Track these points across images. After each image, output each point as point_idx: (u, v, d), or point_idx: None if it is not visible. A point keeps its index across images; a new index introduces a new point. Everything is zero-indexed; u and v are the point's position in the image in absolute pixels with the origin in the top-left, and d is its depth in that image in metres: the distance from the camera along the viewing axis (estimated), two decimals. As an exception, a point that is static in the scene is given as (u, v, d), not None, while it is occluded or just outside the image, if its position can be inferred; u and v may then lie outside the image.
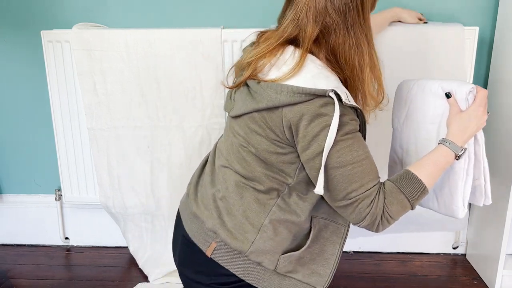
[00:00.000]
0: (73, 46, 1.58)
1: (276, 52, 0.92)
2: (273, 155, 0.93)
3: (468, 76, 1.57)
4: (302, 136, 0.87)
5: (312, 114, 0.85)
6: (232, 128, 1.01)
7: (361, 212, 0.89)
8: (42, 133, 1.83)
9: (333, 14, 0.88)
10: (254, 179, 0.97)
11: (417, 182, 0.92)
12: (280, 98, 0.87)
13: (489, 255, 1.64)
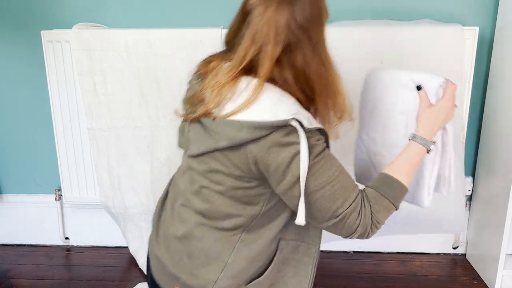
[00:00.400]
0: (73, 46, 1.58)
1: (233, 84, 0.85)
2: (239, 190, 0.89)
3: (468, 76, 1.57)
4: (274, 169, 0.83)
5: (279, 145, 0.81)
6: (190, 167, 0.95)
7: (351, 225, 0.86)
8: (42, 133, 1.83)
9: (296, 31, 0.83)
10: (217, 217, 0.92)
11: (398, 184, 0.93)
12: (241, 136, 0.82)
13: (489, 255, 1.64)
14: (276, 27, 0.82)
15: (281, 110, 0.82)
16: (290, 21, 0.83)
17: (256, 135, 0.81)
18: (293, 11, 0.83)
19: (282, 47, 0.83)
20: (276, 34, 0.82)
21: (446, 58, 1.53)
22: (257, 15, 0.84)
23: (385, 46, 1.53)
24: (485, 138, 1.67)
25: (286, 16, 0.82)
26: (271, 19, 0.82)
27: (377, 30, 1.52)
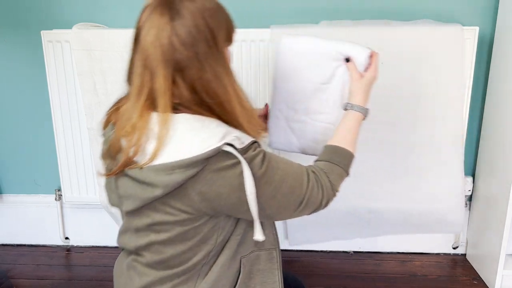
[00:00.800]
0: (73, 46, 1.58)
1: (144, 124, 0.79)
2: (190, 232, 0.84)
3: (468, 76, 1.57)
4: (226, 195, 0.80)
5: (221, 170, 0.78)
6: (131, 223, 0.89)
7: (316, 201, 0.90)
8: (42, 133, 1.83)
9: (181, 48, 0.79)
10: (174, 265, 0.88)
11: (346, 152, 0.97)
12: (176, 179, 0.77)
13: (489, 255, 1.64)
14: (161, 47, 0.78)
15: (207, 139, 0.77)
16: (173, 38, 0.78)
17: (190, 173, 0.77)
18: (174, 27, 0.78)
19: (172, 67, 0.79)
20: (163, 55, 0.78)
21: (446, 58, 1.53)
22: (143, 38, 0.80)
23: (385, 46, 1.52)
24: (485, 138, 1.67)
25: (168, 34, 0.78)
26: (155, 39, 0.78)
27: (377, 30, 1.52)
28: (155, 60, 0.79)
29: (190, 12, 0.80)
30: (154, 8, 0.81)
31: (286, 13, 1.64)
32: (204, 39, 0.81)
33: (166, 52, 0.79)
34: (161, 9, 0.80)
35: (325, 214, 1.71)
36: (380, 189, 1.65)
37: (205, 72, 0.81)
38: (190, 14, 0.80)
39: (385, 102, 1.57)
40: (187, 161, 0.76)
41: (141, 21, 0.83)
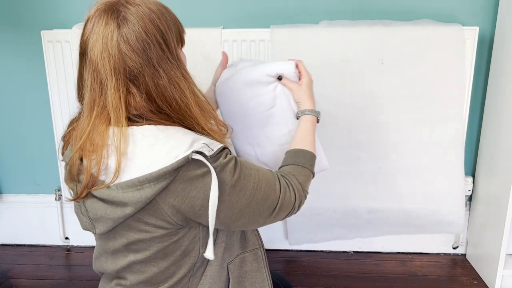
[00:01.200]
0: (74, 46, 1.58)
1: (101, 140, 0.75)
2: (170, 247, 0.81)
3: (468, 76, 1.57)
4: (200, 206, 0.76)
5: (192, 180, 0.74)
6: (106, 246, 0.86)
7: (290, 205, 0.89)
8: (42, 133, 1.83)
9: (132, 55, 0.75)
10: (160, 281, 0.85)
11: (308, 153, 0.98)
12: (146, 193, 0.73)
13: (489, 255, 1.64)
14: (110, 57, 0.74)
15: (174, 149, 0.73)
16: (122, 46, 0.74)
17: (160, 186, 0.72)
18: (122, 34, 0.75)
19: (125, 77, 0.75)
20: (113, 65, 0.74)
21: (446, 58, 1.53)
22: (90, 51, 0.76)
23: (385, 46, 1.53)
24: (485, 138, 1.67)
25: (116, 42, 0.74)
26: (103, 50, 0.74)
27: (377, 30, 1.52)
28: (105, 71, 0.74)
29: (136, 16, 0.76)
30: (97, 18, 0.78)
31: (286, 13, 1.64)
32: (156, 43, 0.77)
33: (116, 61, 0.74)
34: (106, 18, 0.76)
35: (325, 214, 1.72)
36: (380, 189, 1.65)
37: (160, 78, 0.77)
38: (137, 18, 0.76)
39: (385, 102, 1.57)
40: (155, 174, 0.72)
41: (86, 33, 0.78)
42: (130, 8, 0.77)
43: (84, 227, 0.86)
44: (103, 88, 0.75)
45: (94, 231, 0.83)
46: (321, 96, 1.58)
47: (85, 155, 0.77)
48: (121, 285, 0.87)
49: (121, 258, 0.84)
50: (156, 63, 0.77)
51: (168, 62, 0.78)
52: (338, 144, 1.62)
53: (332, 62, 1.55)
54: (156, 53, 0.77)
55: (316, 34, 1.54)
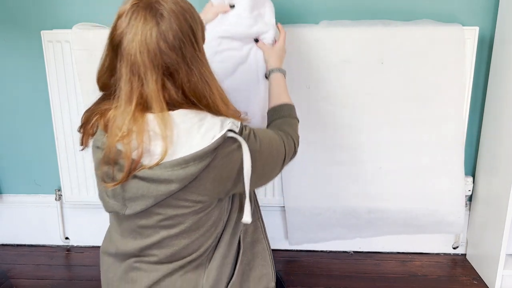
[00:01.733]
0: (73, 46, 1.58)
1: (141, 125, 0.80)
2: (202, 219, 0.89)
3: (468, 76, 1.57)
4: (234, 177, 0.87)
5: (228, 155, 0.84)
6: (135, 225, 0.90)
7: (292, 150, 1.03)
8: (42, 133, 1.83)
9: (170, 52, 0.80)
10: (186, 255, 0.92)
11: (288, 105, 1.11)
12: (190, 171, 0.81)
13: (489, 255, 1.64)
14: (148, 53, 0.79)
15: (210, 130, 0.82)
16: (161, 43, 0.79)
17: (204, 163, 0.81)
18: (161, 32, 0.79)
19: (162, 72, 0.81)
20: (151, 60, 0.79)
21: (446, 58, 1.53)
22: (127, 45, 0.80)
23: (385, 46, 1.53)
24: (485, 138, 1.67)
25: (155, 39, 0.79)
26: (142, 46, 0.79)
27: (377, 30, 1.52)
28: (144, 66, 0.79)
29: (172, 14, 0.81)
30: (135, 13, 0.81)
31: (286, 13, 1.64)
32: (189, 41, 0.82)
33: (154, 57, 0.79)
34: (144, 14, 0.80)
35: (325, 214, 1.72)
36: (380, 189, 1.65)
37: (193, 75, 0.83)
38: (173, 16, 0.81)
39: (385, 102, 1.57)
40: (200, 152, 0.80)
41: (121, 27, 0.82)
42: (164, 5, 0.81)
43: (111, 209, 0.91)
44: (142, 81, 0.80)
45: (124, 212, 0.88)
46: (320, 96, 1.58)
47: (122, 141, 0.81)
48: (143, 261, 0.92)
49: (152, 235, 0.89)
50: (189, 60, 0.83)
51: (199, 59, 0.85)
52: (338, 144, 1.62)
53: (332, 62, 1.55)
54: (189, 51, 0.83)
55: (316, 34, 1.54)
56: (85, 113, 0.94)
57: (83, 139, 0.94)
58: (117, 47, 0.83)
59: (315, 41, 1.53)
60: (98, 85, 0.91)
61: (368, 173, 1.64)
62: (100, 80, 0.90)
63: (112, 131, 0.82)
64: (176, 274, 0.92)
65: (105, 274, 1.01)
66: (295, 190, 1.69)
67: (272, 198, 1.76)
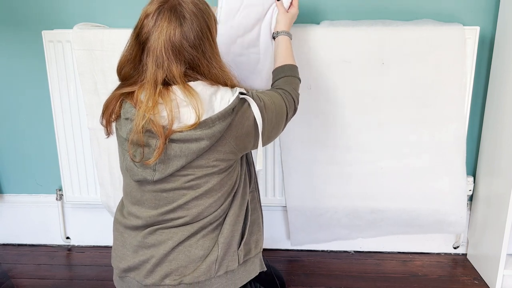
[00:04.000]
0: (74, 46, 1.58)
1: (168, 98, 0.93)
2: (225, 178, 1.01)
3: (469, 76, 1.57)
4: (251, 131, 1.01)
5: (244, 114, 0.99)
6: (159, 192, 1.00)
7: (293, 107, 1.15)
8: (43, 133, 1.83)
9: (191, 50, 0.94)
10: (207, 215, 1.02)
11: (291, 66, 1.22)
12: (217, 128, 0.94)
13: (490, 255, 1.64)
14: (173, 49, 0.93)
15: (226, 94, 0.97)
16: (184, 42, 0.93)
17: (227, 122, 0.95)
18: (183, 32, 0.93)
19: (185, 66, 0.95)
20: (175, 56, 0.93)
21: (447, 57, 1.53)
22: (153, 42, 0.93)
23: (385, 46, 1.53)
24: (486, 138, 1.67)
25: (178, 38, 0.93)
26: (167, 43, 0.93)
27: (377, 30, 1.52)
28: (168, 61, 0.93)
29: (193, 16, 0.95)
30: (160, 14, 0.94)
31: (287, 13, 1.65)
32: (207, 39, 0.96)
33: (178, 53, 0.93)
34: (169, 15, 0.93)
35: (327, 215, 1.72)
36: (382, 189, 1.65)
37: (213, 67, 0.97)
38: (194, 18, 0.95)
39: (386, 102, 1.57)
40: (223, 112, 0.94)
41: (148, 26, 0.94)
42: (186, 7, 0.95)
43: (139, 177, 0.99)
44: (166, 71, 0.93)
45: (153, 177, 0.97)
46: (322, 97, 1.58)
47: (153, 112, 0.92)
48: (164, 227, 1.01)
49: (178, 198, 0.99)
50: (208, 56, 0.97)
51: (215, 53, 0.99)
52: (339, 144, 1.63)
53: (333, 62, 1.55)
54: (208, 47, 0.97)
55: (317, 34, 1.54)
56: (104, 105, 1.04)
57: (107, 127, 1.06)
58: (144, 43, 0.95)
59: (316, 41, 1.54)
60: (120, 75, 1.02)
61: (369, 173, 1.64)
62: (122, 70, 1.01)
63: (143, 107, 0.92)
64: (198, 234, 1.02)
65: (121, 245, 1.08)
66: (297, 191, 1.69)
67: (273, 198, 1.77)
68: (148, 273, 1.02)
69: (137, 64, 0.97)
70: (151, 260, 1.02)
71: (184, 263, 1.01)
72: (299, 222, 1.74)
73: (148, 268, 1.02)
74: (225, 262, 1.04)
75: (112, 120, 1.04)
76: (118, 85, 1.03)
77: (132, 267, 1.04)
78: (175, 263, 1.01)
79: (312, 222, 1.73)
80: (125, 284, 1.08)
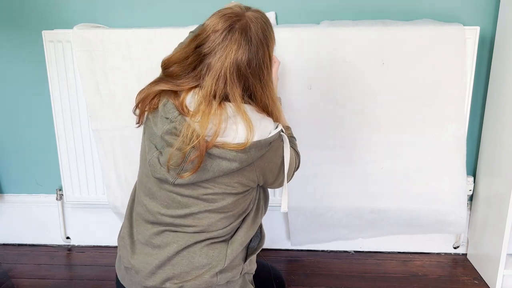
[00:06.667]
0: (74, 47, 1.58)
1: (217, 112, 0.94)
2: (239, 200, 1.03)
3: (469, 76, 1.57)
4: (276, 169, 1.04)
5: (276, 151, 1.02)
6: (175, 195, 1.01)
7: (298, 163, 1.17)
8: (43, 133, 1.83)
9: (251, 76, 0.96)
10: (214, 230, 1.03)
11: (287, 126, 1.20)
12: (251, 155, 0.96)
13: (490, 255, 1.64)
14: (237, 73, 0.95)
15: (268, 125, 0.99)
16: (247, 67, 0.95)
17: (261, 152, 0.97)
18: (249, 59, 0.95)
19: (241, 88, 0.96)
20: (238, 79, 0.95)
21: (447, 57, 1.53)
22: (218, 60, 0.94)
23: (385, 46, 1.53)
24: (486, 138, 1.67)
25: (244, 63, 0.95)
26: (232, 66, 0.94)
27: (377, 30, 1.52)
28: (230, 79, 0.94)
29: (259, 43, 0.96)
30: (230, 34, 0.95)
31: (287, 13, 1.65)
32: (266, 68, 0.99)
33: (239, 77, 0.95)
34: (239, 38, 0.94)
35: (327, 215, 1.72)
36: (382, 189, 1.65)
37: (265, 97, 1.00)
38: (260, 45, 0.96)
39: (386, 102, 1.58)
40: (262, 142, 0.96)
41: (213, 42, 0.95)
42: (254, 31, 0.96)
43: (159, 175, 0.99)
44: (225, 89, 0.95)
45: (174, 181, 0.98)
46: (322, 97, 1.58)
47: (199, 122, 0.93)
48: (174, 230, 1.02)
49: (192, 206, 1.01)
50: (263, 84, 0.99)
51: (270, 82, 1.02)
52: (339, 145, 1.63)
53: (333, 63, 1.55)
54: (266, 75, 0.99)
55: (317, 34, 1.54)
56: (139, 94, 1.04)
57: (140, 117, 1.07)
58: (204, 57, 0.96)
59: (316, 41, 1.54)
60: (165, 69, 1.03)
61: (369, 173, 1.64)
62: (170, 67, 1.01)
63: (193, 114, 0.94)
64: (203, 243, 1.02)
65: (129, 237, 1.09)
66: (297, 191, 1.69)
67: (273, 198, 1.77)
68: (149, 275, 1.02)
69: (190, 70, 0.98)
70: (153, 262, 1.02)
71: (186, 269, 1.02)
72: (299, 222, 1.74)
73: (150, 269, 1.02)
74: (229, 274, 1.05)
75: (146, 110, 1.05)
76: (161, 77, 1.03)
77: (136, 265, 1.05)
78: (177, 268, 1.02)
79: (312, 222, 1.73)
80: (128, 275, 1.08)
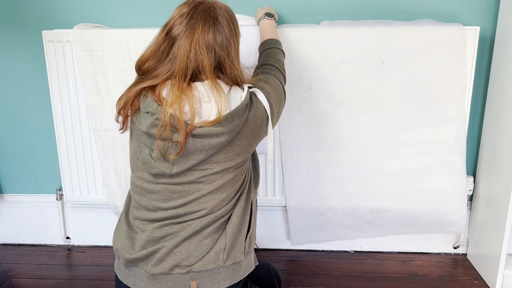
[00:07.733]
0: (75, 47, 1.58)
1: (191, 93, 0.98)
2: (239, 174, 1.07)
3: (469, 76, 1.57)
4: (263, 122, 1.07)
5: (256, 107, 1.05)
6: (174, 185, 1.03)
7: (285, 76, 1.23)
8: (43, 133, 1.83)
9: (219, 49, 1.01)
10: (219, 208, 1.06)
11: (275, 39, 1.33)
12: (236, 123, 1.00)
13: (490, 255, 1.64)
14: (206, 47, 1.00)
15: (238, 93, 1.03)
16: (215, 41, 1.01)
17: (244, 117, 1.01)
18: (216, 33, 1.01)
19: (213, 66, 1.01)
20: (208, 52, 1.00)
21: (447, 57, 1.53)
22: (187, 38, 0.99)
23: (386, 46, 1.53)
24: (486, 138, 1.67)
25: (211, 37, 1.01)
26: (201, 41, 0.99)
27: (378, 30, 1.52)
28: (201, 55, 0.99)
29: (224, 19, 1.03)
30: (195, 14, 1.01)
31: (287, 13, 1.65)
32: (233, 43, 1.04)
33: (209, 51, 1.00)
34: (203, 16, 1.01)
35: (327, 214, 1.72)
36: (382, 189, 1.65)
37: (234, 69, 1.04)
38: (225, 22, 1.03)
39: (386, 102, 1.58)
40: (240, 107, 1.00)
41: (181, 24, 1.01)
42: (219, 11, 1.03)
43: (156, 170, 1.02)
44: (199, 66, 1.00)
45: (171, 171, 1.01)
46: (322, 97, 1.58)
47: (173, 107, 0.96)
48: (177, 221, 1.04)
49: (193, 191, 1.03)
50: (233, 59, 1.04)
51: (238, 56, 1.07)
52: (340, 145, 1.63)
53: (333, 63, 1.55)
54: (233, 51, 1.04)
55: (317, 34, 1.54)
56: (119, 101, 1.06)
57: (124, 123, 1.09)
58: (175, 39, 1.00)
59: (316, 41, 1.54)
60: (139, 70, 1.06)
61: (369, 173, 1.64)
62: (144, 65, 1.05)
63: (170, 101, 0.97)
64: (210, 226, 1.05)
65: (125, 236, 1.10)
66: (297, 191, 1.69)
67: (273, 198, 1.77)
68: (157, 262, 1.04)
69: (163, 58, 1.01)
70: (161, 250, 1.03)
71: (194, 253, 1.04)
72: (299, 222, 1.74)
73: (158, 257, 1.03)
74: (232, 253, 1.07)
75: (129, 115, 1.07)
76: (137, 79, 1.06)
77: (140, 258, 1.05)
78: (185, 253, 1.04)
79: (312, 222, 1.73)
80: (130, 273, 1.08)
